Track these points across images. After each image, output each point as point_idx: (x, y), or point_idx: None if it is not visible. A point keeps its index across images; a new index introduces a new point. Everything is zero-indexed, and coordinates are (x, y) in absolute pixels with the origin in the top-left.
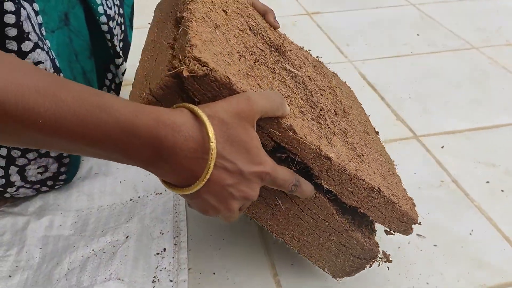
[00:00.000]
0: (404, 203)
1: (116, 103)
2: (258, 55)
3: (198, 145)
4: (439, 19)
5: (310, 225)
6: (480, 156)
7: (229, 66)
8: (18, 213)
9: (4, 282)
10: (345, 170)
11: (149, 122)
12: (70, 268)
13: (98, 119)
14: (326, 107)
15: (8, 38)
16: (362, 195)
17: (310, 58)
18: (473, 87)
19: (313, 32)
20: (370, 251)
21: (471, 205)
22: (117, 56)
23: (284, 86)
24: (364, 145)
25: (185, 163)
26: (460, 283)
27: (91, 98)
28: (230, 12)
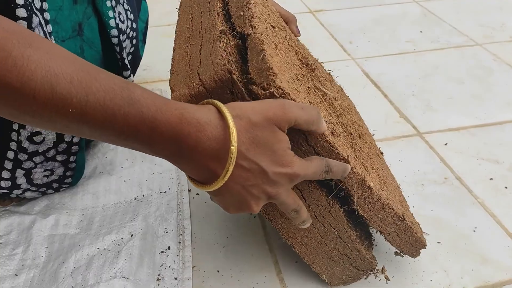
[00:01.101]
0: (417, 229)
1: (144, 98)
2: (303, 76)
3: (220, 146)
4: (442, 16)
5: (320, 231)
6: (484, 153)
7: (298, 95)
8: (24, 212)
9: (10, 280)
10: (380, 199)
11: (173, 119)
12: (76, 267)
13: (125, 113)
14: (352, 130)
15: None
16: (388, 221)
17: (323, 71)
18: (476, 84)
19: (316, 30)
20: (369, 263)
21: (475, 202)
22: (125, 69)
23: (324, 110)
24: (382, 169)
25: (206, 161)
26: (464, 279)
27: (121, 92)
28: (276, 27)
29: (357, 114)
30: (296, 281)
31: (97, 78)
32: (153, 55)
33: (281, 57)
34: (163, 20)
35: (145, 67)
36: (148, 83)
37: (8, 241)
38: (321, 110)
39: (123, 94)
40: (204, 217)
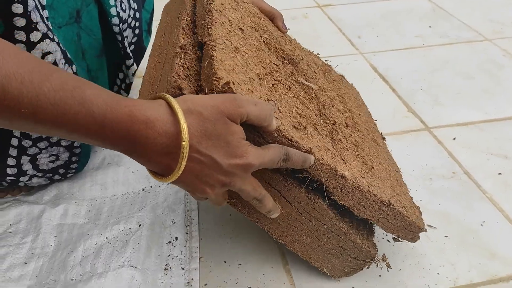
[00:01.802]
0: (412, 213)
1: (95, 96)
2: (274, 73)
3: (171, 141)
4: (451, 11)
5: (309, 228)
6: (493, 148)
7: (251, 94)
8: (33, 201)
9: (20, 268)
10: (358, 187)
11: (122, 117)
12: (85, 255)
13: (75, 112)
14: (338, 120)
15: (17, 28)
16: (374, 208)
17: (320, 64)
18: (485, 79)
19: (324, 25)
20: (368, 253)
21: (483, 197)
22: (127, 57)
23: (300, 103)
24: (374, 155)
25: (159, 156)
26: (471, 273)
27: (72, 91)
28: (246, 29)
29: (356, 102)
30: (302, 272)
31: (49, 78)
32: None
33: (239, 59)
34: None
35: None
36: None
37: (17, 230)
38: (295, 103)
39: (74, 93)
40: (211, 208)
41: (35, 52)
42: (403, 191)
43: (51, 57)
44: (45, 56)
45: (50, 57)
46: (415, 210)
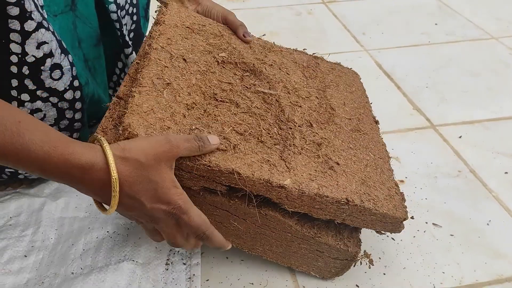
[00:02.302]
0: (387, 204)
1: (33, 144)
2: (219, 94)
3: (104, 185)
4: (457, 9)
5: (274, 238)
6: (499, 146)
7: (167, 130)
8: (34, 194)
9: (19, 261)
10: (303, 192)
11: (60, 164)
12: (85, 249)
13: (17, 158)
14: (300, 121)
15: (11, 18)
16: (332, 209)
17: (304, 60)
18: (492, 77)
19: (328, 21)
20: (347, 252)
21: (489, 195)
22: (126, 46)
23: (248, 117)
24: (346, 148)
25: (95, 194)
26: (476, 273)
27: (11, 138)
28: (194, 57)
29: (346, 90)
30: None
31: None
32: None
33: (166, 95)
34: None
35: None
36: None
37: (17, 223)
38: (235, 121)
39: (13, 140)
40: None
41: (30, 42)
42: (382, 179)
43: (47, 46)
44: (41, 46)
45: (45, 47)
46: (394, 199)
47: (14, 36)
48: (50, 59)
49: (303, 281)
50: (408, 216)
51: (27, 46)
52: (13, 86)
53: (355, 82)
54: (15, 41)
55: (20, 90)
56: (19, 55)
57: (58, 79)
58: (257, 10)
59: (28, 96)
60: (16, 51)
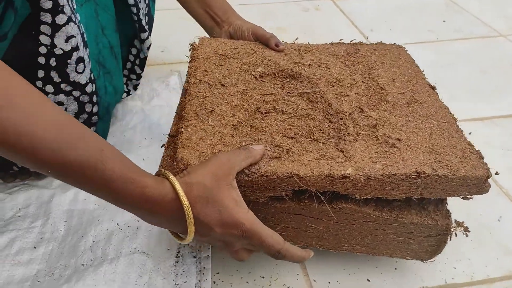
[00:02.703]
0: (463, 166)
1: (114, 173)
2: (263, 106)
3: (177, 215)
4: (465, 6)
5: (357, 230)
6: (509, 143)
7: (214, 150)
8: (43, 186)
9: (29, 252)
10: (369, 177)
11: (136, 196)
12: (95, 241)
13: (96, 184)
14: (349, 109)
15: (43, 11)
16: (405, 185)
17: (343, 49)
18: (501, 75)
19: (336, 17)
20: (436, 226)
21: (500, 192)
22: (142, 31)
23: (296, 120)
24: (405, 122)
25: (170, 226)
26: (488, 269)
27: (95, 165)
28: (232, 79)
29: (393, 66)
30: (317, 264)
31: (76, 146)
32: (171, 37)
33: (211, 122)
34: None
35: (163, 48)
36: (166, 65)
37: (27, 214)
38: (284, 127)
39: (96, 167)
40: None
41: (60, 35)
42: (450, 144)
43: (74, 40)
44: (69, 40)
45: (73, 41)
46: (470, 159)
47: (45, 28)
48: (76, 52)
49: (314, 275)
50: (491, 173)
51: (56, 39)
52: (39, 77)
53: (402, 55)
54: (45, 33)
55: (45, 82)
56: (48, 47)
57: (81, 72)
58: (264, 6)
59: (52, 88)
60: (46, 42)
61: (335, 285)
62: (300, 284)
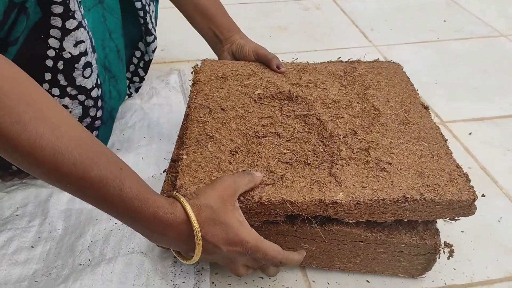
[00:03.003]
0: (449, 190)
1: (131, 191)
2: (260, 131)
3: (186, 236)
4: (466, 6)
5: (349, 250)
6: (509, 143)
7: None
8: (41, 185)
9: (26, 252)
10: (358, 202)
11: (149, 217)
12: (93, 241)
13: (112, 201)
14: (343, 132)
15: (53, 15)
16: (393, 209)
17: (340, 68)
18: (501, 75)
19: (337, 16)
20: (425, 245)
21: (500, 192)
22: (148, 34)
23: (291, 144)
24: (397, 145)
25: (176, 246)
26: (488, 269)
27: (113, 182)
28: (231, 102)
29: (388, 85)
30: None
31: (97, 163)
32: (171, 36)
33: (210, 148)
34: None
35: (163, 47)
36: (166, 63)
37: (24, 213)
38: (280, 151)
39: (114, 184)
40: None
41: (69, 39)
42: (439, 166)
43: (83, 45)
44: (78, 44)
45: (82, 46)
46: (457, 183)
47: (54, 32)
48: (84, 57)
49: (313, 276)
50: (477, 196)
51: (65, 43)
52: (46, 80)
53: (397, 73)
54: (54, 36)
55: (51, 84)
56: (57, 50)
57: (88, 77)
58: (265, 4)
59: (58, 91)
60: (54, 46)
61: (334, 286)
62: (299, 285)
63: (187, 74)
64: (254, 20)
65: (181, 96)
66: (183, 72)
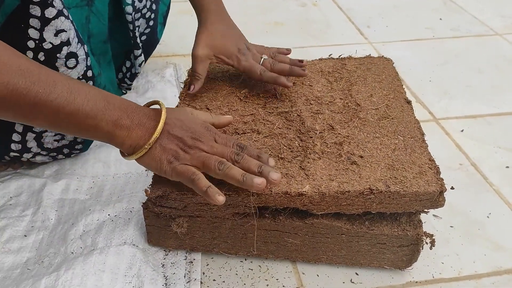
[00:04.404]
0: (416, 182)
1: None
2: (241, 128)
3: (151, 115)
4: (462, 4)
5: (333, 243)
6: (500, 141)
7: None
8: (35, 175)
9: (19, 241)
10: (324, 194)
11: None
12: (86, 230)
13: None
14: (321, 127)
15: (32, 3)
16: (360, 201)
17: (330, 65)
18: (495, 73)
19: (333, 13)
20: (407, 237)
21: (490, 189)
22: (136, 47)
23: (270, 139)
24: (372, 139)
25: (135, 131)
26: (475, 264)
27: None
28: (216, 103)
29: (374, 80)
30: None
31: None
32: (169, 30)
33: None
34: None
35: (161, 41)
36: (163, 57)
37: (18, 202)
38: (264, 146)
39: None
40: None
41: (49, 29)
42: (411, 159)
43: (65, 35)
44: (59, 34)
45: (63, 35)
46: (426, 175)
47: (34, 22)
48: (66, 47)
49: (303, 268)
50: (445, 187)
51: (45, 33)
52: None
53: (386, 69)
54: (34, 26)
55: None
56: (36, 41)
57: (72, 68)
58: (262, 0)
59: None
60: (34, 36)
61: (323, 278)
62: (289, 276)
63: (183, 68)
64: (251, 15)
65: (176, 89)
66: (178, 66)
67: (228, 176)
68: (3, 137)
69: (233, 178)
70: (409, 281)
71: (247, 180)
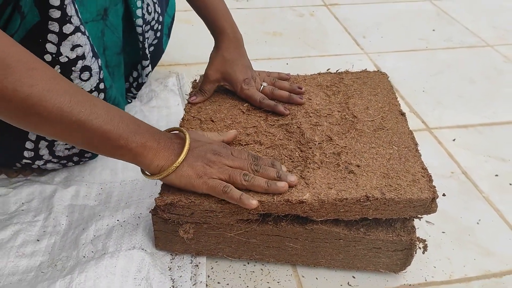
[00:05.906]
0: (410, 189)
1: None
2: (244, 139)
3: (178, 141)
4: (455, 16)
5: (331, 247)
6: (491, 151)
7: None
8: (45, 182)
9: (32, 245)
10: (323, 201)
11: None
12: (96, 235)
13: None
14: (320, 138)
15: (51, 20)
16: (357, 208)
17: (328, 79)
18: (487, 84)
19: (330, 23)
20: (401, 242)
21: (480, 196)
22: (144, 58)
23: (272, 150)
24: (368, 149)
25: (161, 153)
26: (466, 268)
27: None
28: (220, 115)
29: (370, 93)
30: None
31: (96, 102)
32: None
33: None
34: (179, 6)
35: None
36: (165, 66)
37: (30, 208)
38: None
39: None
40: None
41: (66, 44)
42: (405, 168)
43: (80, 49)
44: (75, 48)
45: (79, 50)
46: (419, 183)
47: (52, 37)
48: (81, 61)
49: (302, 271)
50: (437, 194)
51: (62, 48)
52: None
53: (381, 82)
54: (52, 41)
55: None
56: (53, 55)
57: (86, 80)
58: (260, 10)
59: None
60: (51, 50)
61: (322, 280)
62: (289, 279)
63: (185, 78)
64: (250, 25)
65: (179, 98)
66: (181, 75)
67: (254, 185)
68: (16, 145)
69: (259, 186)
70: (403, 284)
71: (272, 186)
